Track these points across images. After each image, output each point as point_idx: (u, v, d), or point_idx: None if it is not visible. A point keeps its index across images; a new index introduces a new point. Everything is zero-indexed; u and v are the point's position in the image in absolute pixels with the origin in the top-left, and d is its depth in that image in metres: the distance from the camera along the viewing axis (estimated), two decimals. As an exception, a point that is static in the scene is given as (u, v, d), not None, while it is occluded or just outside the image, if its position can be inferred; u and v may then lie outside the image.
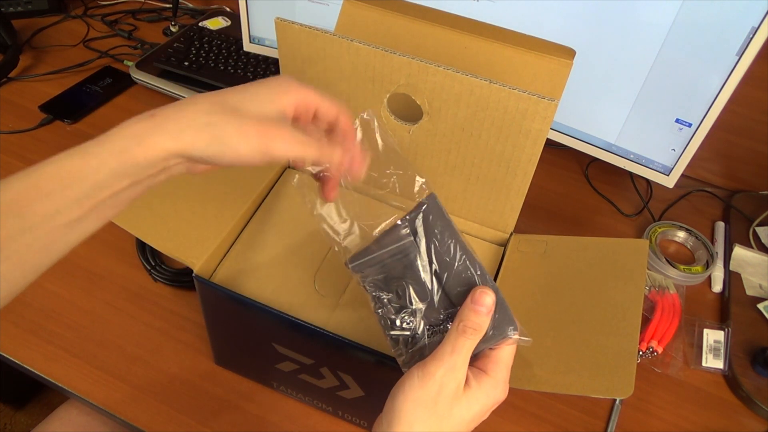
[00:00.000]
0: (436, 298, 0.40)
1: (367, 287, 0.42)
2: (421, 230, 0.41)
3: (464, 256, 0.41)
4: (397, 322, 0.40)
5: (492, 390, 0.39)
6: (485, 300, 0.38)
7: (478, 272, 0.40)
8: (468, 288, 0.39)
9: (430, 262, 0.41)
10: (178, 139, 0.34)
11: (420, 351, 0.40)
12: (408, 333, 0.40)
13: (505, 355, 0.39)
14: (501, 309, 0.39)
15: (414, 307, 0.40)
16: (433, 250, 0.41)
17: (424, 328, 0.40)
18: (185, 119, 0.35)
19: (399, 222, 0.41)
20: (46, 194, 0.33)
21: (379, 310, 0.41)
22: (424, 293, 0.40)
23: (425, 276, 0.40)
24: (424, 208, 0.41)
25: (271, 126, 0.36)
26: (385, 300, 0.41)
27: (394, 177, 0.45)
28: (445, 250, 0.41)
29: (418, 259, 0.41)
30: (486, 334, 0.38)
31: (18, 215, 0.32)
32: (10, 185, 0.33)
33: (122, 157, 0.34)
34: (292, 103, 0.38)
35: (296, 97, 0.38)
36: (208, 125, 0.35)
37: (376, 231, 0.42)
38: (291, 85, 0.38)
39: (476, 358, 0.40)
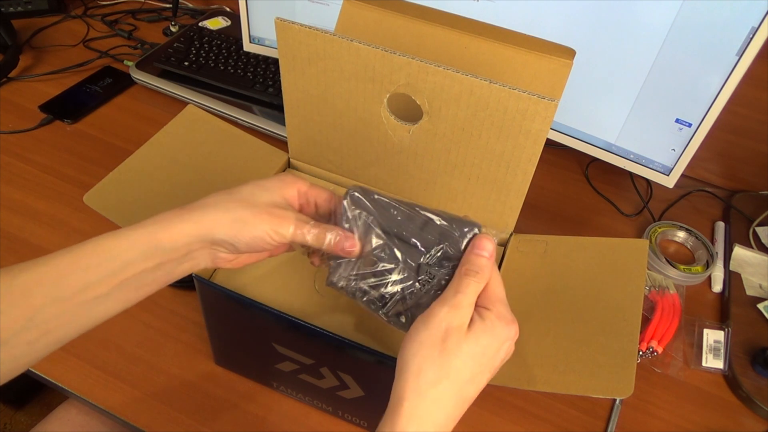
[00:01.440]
0: (407, 257, 0.43)
1: (349, 291, 0.44)
2: (361, 216, 0.44)
3: (412, 211, 0.44)
4: (386, 297, 0.42)
5: (497, 322, 0.39)
6: (486, 245, 0.41)
7: (436, 215, 0.43)
8: (436, 230, 0.43)
9: (386, 232, 0.43)
10: (201, 224, 0.40)
11: (417, 306, 0.42)
12: (398, 298, 0.42)
13: (493, 288, 0.41)
14: (457, 219, 0.43)
15: (392, 277, 0.42)
16: (379, 222, 0.43)
17: (413, 284, 0.42)
18: (208, 208, 0.41)
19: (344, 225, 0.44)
20: (83, 268, 0.37)
21: (364, 299, 0.43)
22: (394, 259, 0.43)
23: (387, 241, 0.43)
24: (346, 200, 0.44)
25: (280, 211, 0.42)
26: (366, 288, 0.43)
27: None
28: (392, 216, 0.43)
29: (373, 237, 0.43)
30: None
31: (54, 285, 0.37)
32: (54, 258, 0.38)
33: (150, 238, 0.39)
34: (295, 194, 0.44)
35: (298, 189, 0.44)
36: (228, 211, 0.41)
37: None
38: (293, 179, 0.44)
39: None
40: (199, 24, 1.06)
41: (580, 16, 0.69)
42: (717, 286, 0.75)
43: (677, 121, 0.71)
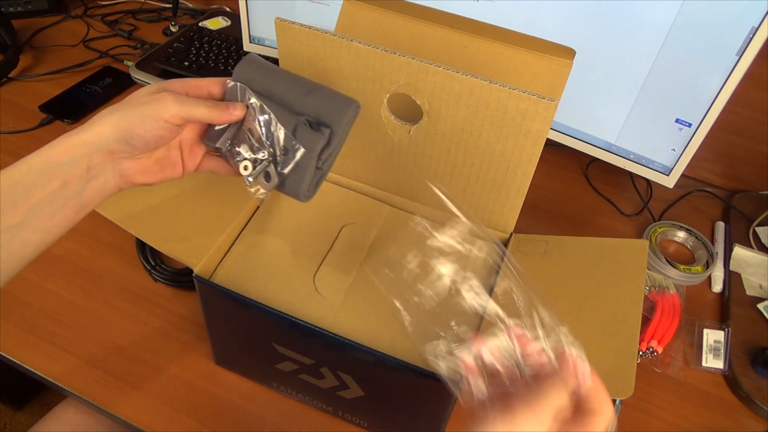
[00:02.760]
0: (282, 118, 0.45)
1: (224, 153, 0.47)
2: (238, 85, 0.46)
3: (299, 79, 0.46)
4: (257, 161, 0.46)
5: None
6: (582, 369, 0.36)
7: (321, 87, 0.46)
8: (318, 97, 0.45)
9: (265, 96, 0.46)
10: (89, 132, 0.41)
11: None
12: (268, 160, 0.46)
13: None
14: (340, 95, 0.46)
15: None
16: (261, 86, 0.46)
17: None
18: (94, 119, 0.41)
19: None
20: None
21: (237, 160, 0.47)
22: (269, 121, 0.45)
23: (263, 102, 0.45)
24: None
25: (158, 94, 0.42)
26: (242, 151, 0.46)
27: None
28: (275, 80, 0.46)
29: (252, 98, 0.45)
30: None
31: None
32: None
33: (45, 158, 0.39)
34: (177, 89, 0.44)
35: (176, 90, 0.44)
36: (111, 114, 0.41)
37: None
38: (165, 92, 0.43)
39: None
40: (199, 24, 1.06)
41: (580, 16, 0.69)
42: (717, 286, 0.75)
43: (677, 121, 0.71)
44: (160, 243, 0.51)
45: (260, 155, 0.45)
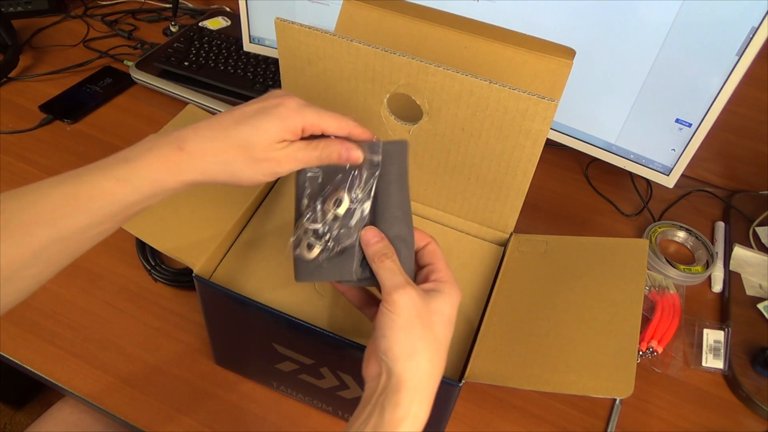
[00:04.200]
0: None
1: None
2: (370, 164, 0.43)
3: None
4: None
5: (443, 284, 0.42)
6: (369, 238, 0.42)
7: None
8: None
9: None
10: (204, 174, 0.39)
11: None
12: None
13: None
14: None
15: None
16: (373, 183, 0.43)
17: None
18: (210, 156, 0.39)
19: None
20: (83, 212, 0.37)
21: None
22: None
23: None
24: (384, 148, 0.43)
25: (277, 155, 0.40)
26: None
27: None
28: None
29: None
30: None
31: (54, 226, 0.36)
32: (46, 197, 0.36)
33: (156, 185, 0.38)
34: (298, 130, 0.40)
35: (301, 123, 0.40)
36: (227, 164, 0.39)
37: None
38: (295, 113, 0.40)
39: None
40: (199, 24, 1.06)
41: (580, 16, 0.69)
42: (717, 286, 0.75)
43: (677, 121, 0.71)
44: (160, 243, 0.51)
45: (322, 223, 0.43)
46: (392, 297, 0.39)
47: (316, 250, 0.43)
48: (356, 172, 0.42)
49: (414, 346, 0.38)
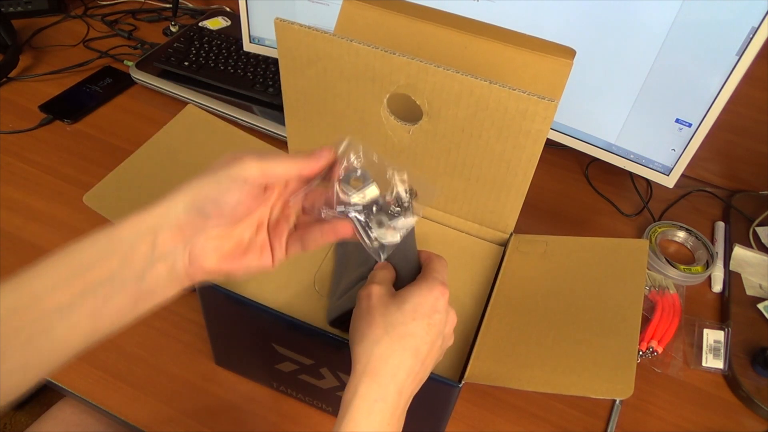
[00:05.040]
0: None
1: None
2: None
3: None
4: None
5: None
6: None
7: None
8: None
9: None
10: (158, 204, 0.35)
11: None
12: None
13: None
14: None
15: None
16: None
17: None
18: (166, 195, 0.36)
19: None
20: (39, 272, 0.34)
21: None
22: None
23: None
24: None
25: (239, 154, 0.36)
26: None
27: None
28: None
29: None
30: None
31: (11, 291, 0.33)
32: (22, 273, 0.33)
33: (107, 232, 0.35)
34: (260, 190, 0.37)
35: (262, 181, 0.37)
36: (186, 185, 0.36)
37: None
38: (250, 179, 0.36)
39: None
40: (199, 24, 1.06)
41: (580, 16, 0.69)
42: (717, 286, 0.75)
43: (677, 121, 0.71)
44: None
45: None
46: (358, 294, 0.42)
47: None
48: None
49: (363, 332, 0.40)
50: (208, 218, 0.35)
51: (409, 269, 0.44)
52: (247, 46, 0.91)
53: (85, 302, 0.33)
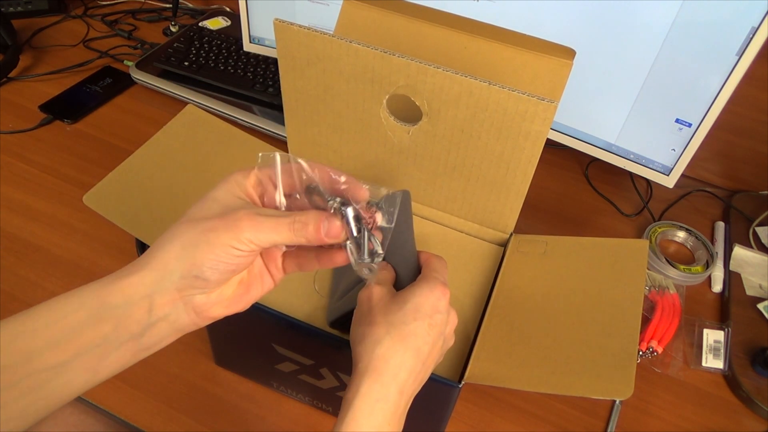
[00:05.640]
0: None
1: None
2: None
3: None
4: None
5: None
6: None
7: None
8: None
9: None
10: (150, 269, 0.34)
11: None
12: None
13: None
14: None
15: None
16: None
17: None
18: (154, 249, 0.34)
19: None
20: (29, 331, 0.33)
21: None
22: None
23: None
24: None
25: (232, 212, 0.34)
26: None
27: None
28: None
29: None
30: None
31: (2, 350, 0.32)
32: (5, 323, 0.33)
33: (98, 295, 0.33)
34: (250, 189, 0.36)
35: (249, 182, 0.36)
36: (174, 239, 0.34)
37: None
38: (239, 173, 0.36)
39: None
40: (199, 24, 1.06)
41: (580, 16, 0.69)
42: (717, 286, 0.75)
43: (677, 121, 0.70)
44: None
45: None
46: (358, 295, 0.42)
47: None
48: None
49: (364, 331, 0.40)
50: (207, 281, 0.34)
51: (408, 270, 0.44)
52: (247, 46, 0.91)
53: (80, 361, 0.33)
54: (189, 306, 0.35)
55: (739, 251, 0.78)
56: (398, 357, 0.39)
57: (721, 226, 0.83)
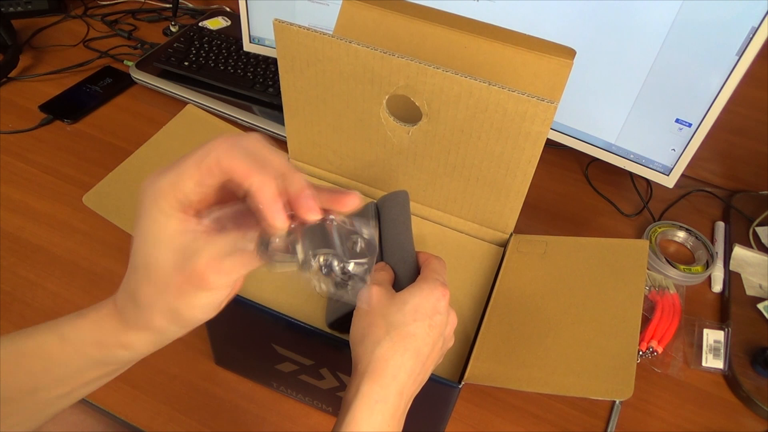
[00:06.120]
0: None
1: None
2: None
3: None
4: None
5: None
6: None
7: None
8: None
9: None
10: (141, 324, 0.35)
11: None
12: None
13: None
14: None
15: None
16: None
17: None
18: (144, 309, 0.34)
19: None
20: (27, 372, 0.35)
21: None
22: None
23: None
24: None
25: (199, 283, 0.32)
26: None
27: None
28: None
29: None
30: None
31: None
32: None
33: (96, 347, 0.36)
34: (180, 206, 0.34)
35: (178, 199, 0.34)
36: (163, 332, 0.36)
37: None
38: (161, 195, 0.35)
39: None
40: (199, 24, 1.06)
41: (580, 17, 0.69)
42: (717, 286, 0.75)
43: (677, 121, 0.70)
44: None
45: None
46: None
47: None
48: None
49: (364, 332, 0.40)
50: (191, 312, 0.34)
51: (407, 270, 0.44)
52: (247, 46, 0.91)
53: (86, 388, 0.38)
54: (178, 324, 0.36)
55: (739, 251, 0.78)
56: (398, 358, 0.39)
57: (721, 226, 0.83)
